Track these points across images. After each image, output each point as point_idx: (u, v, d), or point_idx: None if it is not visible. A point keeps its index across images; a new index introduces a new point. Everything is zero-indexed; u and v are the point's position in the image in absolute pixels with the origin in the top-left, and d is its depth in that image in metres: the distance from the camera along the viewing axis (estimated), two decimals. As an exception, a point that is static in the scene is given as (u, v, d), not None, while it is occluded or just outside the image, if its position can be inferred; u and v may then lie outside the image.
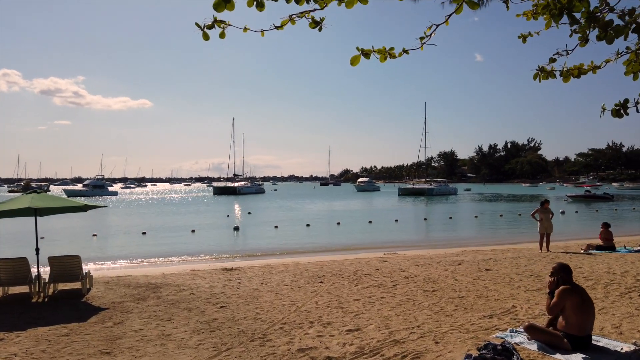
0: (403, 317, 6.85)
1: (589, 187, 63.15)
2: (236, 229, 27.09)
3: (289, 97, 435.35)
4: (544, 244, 14.53)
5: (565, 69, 4.61)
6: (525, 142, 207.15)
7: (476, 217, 35.98)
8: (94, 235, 23.96)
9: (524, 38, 4.43)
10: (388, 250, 17.95)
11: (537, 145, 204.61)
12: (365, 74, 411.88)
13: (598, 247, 13.93)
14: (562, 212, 37.84)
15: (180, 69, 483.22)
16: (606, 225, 14.28)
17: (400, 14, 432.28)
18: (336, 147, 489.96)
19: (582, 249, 14.22)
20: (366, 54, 3.89)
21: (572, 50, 4.82)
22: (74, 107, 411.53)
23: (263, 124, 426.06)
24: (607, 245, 13.88)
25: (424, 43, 4.22)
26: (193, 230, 26.41)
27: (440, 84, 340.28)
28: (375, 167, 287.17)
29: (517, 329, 5.73)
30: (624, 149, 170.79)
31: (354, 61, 3.82)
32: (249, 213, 40.82)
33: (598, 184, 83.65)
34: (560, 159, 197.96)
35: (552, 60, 4.67)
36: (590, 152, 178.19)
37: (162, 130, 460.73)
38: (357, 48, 3.80)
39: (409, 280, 9.71)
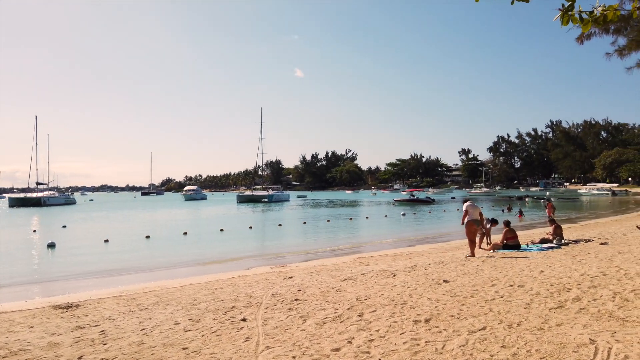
0: (456, 378, 4.03)
1: (412, 192, 68.52)
2: (51, 245, 20.88)
3: (102, 97, 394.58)
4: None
5: (598, 8, 3.03)
6: (344, 153, 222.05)
7: (328, 221, 34.97)
8: None
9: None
10: (267, 261, 14.95)
11: (354, 155, 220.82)
12: (190, 77, 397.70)
13: (505, 247, 13.13)
14: (403, 214, 39.38)
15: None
16: (507, 224, 13.67)
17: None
18: (158, 156, 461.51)
19: (487, 250, 13.38)
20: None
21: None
22: None
23: (70, 126, 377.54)
24: (514, 243, 13.16)
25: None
26: (-13, 252, 19.44)
27: (266, 95, 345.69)
28: (200, 175, 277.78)
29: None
30: (424, 159, 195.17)
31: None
32: (64, 227, 33.14)
33: (411, 189, 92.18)
34: (373, 168, 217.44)
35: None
36: (398, 162, 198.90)
37: None
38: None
39: (368, 305, 6.92)
